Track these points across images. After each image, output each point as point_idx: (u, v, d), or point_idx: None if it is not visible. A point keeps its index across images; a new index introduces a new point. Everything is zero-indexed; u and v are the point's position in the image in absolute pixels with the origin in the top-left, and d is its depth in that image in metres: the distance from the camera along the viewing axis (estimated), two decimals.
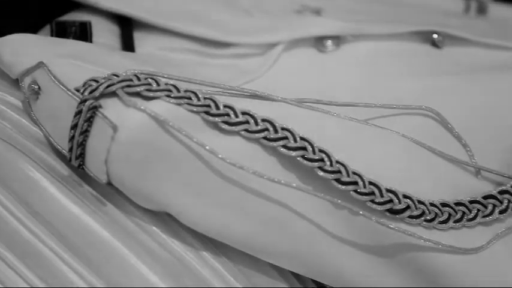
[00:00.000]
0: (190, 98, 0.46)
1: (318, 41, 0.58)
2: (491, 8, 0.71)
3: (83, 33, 0.55)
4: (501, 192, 0.49)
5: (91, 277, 0.45)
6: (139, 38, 0.57)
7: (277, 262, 0.48)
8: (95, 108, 0.45)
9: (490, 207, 0.49)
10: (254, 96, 0.49)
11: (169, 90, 0.46)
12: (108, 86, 0.45)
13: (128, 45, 0.56)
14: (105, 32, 0.56)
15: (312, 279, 0.51)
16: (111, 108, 0.45)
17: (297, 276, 0.51)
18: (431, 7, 0.67)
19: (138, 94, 0.45)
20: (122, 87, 0.45)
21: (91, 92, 0.45)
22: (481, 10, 0.70)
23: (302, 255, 0.48)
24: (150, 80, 0.46)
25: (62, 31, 0.55)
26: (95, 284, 0.45)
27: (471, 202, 0.48)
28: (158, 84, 0.46)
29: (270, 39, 0.57)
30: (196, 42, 0.57)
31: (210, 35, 0.57)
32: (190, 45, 0.57)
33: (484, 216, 0.48)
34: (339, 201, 0.46)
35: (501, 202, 0.49)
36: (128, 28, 0.57)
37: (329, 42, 0.58)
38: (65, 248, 0.45)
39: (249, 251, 0.47)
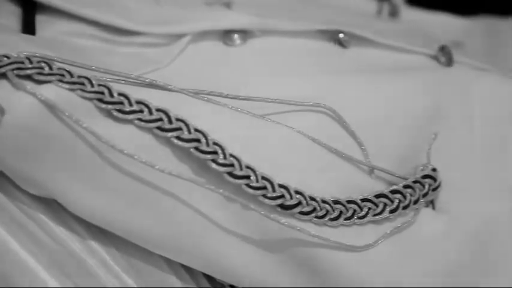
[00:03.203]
0: (83, 84, 0.45)
1: (225, 35, 0.58)
2: (404, 12, 0.72)
3: None
4: (393, 192, 0.50)
5: None
6: (43, 21, 0.56)
7: (167, 254, 0.48)
8: None
9: (381, 206, 0.49)
10: (151, 85, 0.48)
11: (62, 75, 0.45)
12: None
13: (28, 27, 0.54)
14: (4, 13, 0.55)
15: (203, 274, 0.51)
16: None
17: (189, 270, 0.50)
18: (345, 7, 0.67)
19: (29, 77, 0.45)
20: (12, 69, 0.44)
21: None
22: (393, 13, 0.71)
23: (192, 248, 0.47)
24: (42, 63, 0.45)
25: None
26: None
27: (363, 200, 0.49)
28: (51, 68, 0.45)
29: (177, 30, 0.56)
30: (102, 29, 0.56)
31: (116, 22, 0.56)
32: (96, 31, 0.56)
33: (374, 215, 0.49)
34: (230, 194, 0.46)
35: (392, 201, 0.50)
36: (30, 10, 0.56)
37: (236, 36, 0.58)
38: None
39: (137, 241, 0.47)
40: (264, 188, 0.46)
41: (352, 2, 0.68)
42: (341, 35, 0.59)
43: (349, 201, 0.49)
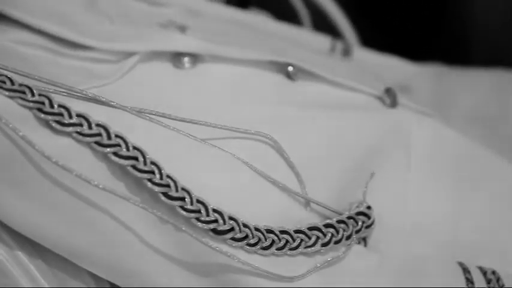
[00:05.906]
0: (24, 93, 0.45)
1: (176, 57, 0.58)
2: (357, 52, 0.74)
3: None
4: (326, 226, 0.50)
5: None
6: None
7: (94, 270, 0.48)
8: None
9: (313, 238, 0.50)
10: (94, 100, 0.48)
11: (3, 82, 0.45)
12: None
13: None
14: None
15: None
16: None
17: (116, 286, 0.50)
18: (299, 43, 0.68)
19: None
20: None
21: None
22: (346, 52, 0.72)
23: (120, 266, 0.47)
24: None
25: None
26: None
27: (296, 231, 0.49)
28: None
29: (125, 48, 0.56)
30: (51, 40, 0.56)
31: (66, 34, 0.56)
32: (45, 42, 0.56)
33: (306, 247, 0.49)
34: (163, 215, 0.46)
35: (325, 235, 0.50)
36: None
37: (186, 59, 0.58)
38: None
39: (64, 254, 0.47)
40: (198, 211, 0.47)
41: (306, 38, 0.69)
42: (290, 68, 0.60)
43: (282, 232, 0.49)
